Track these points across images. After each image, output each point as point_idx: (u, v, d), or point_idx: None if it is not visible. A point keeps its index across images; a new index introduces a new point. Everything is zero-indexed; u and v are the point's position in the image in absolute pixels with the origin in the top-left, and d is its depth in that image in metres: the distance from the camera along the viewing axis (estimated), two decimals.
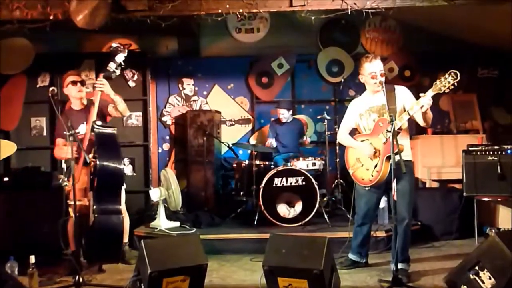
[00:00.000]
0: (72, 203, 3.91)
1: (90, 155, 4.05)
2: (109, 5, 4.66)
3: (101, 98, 4.29)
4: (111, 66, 4.18)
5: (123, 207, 4.57)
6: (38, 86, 6.78)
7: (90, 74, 6.76)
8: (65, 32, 5.47)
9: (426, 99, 3.67)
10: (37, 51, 6.51)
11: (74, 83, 4.48)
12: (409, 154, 4.01)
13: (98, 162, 3.93)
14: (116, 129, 4.25)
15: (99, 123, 4.21)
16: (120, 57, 4.18)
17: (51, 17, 4.79)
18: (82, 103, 4.55)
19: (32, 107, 6.75)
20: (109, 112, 4.47)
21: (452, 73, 3.57)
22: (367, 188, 4.08)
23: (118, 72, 4.24)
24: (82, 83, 4.53)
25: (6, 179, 5.26)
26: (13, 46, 6.38)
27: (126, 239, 4.78)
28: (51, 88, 4.11)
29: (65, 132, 3.95)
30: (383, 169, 3.87)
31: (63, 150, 4.39)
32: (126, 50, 4.22)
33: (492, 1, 4.81)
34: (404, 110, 3.88)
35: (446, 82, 3.58)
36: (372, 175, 3.97)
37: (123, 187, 4.60)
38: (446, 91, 3.63)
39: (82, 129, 4.38)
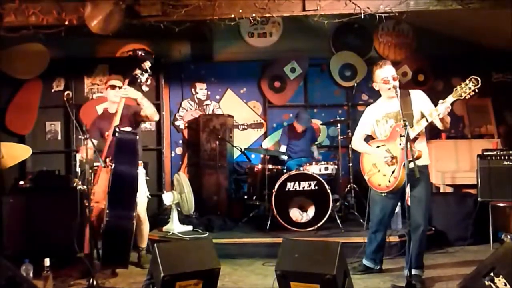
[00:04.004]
0: (92, 204, 3.96)
1: (108, 159, 4.08)
2: (123, 11, 4.70)
3: (131, 104, 4.33)
4: (137, 72, 4.24)
5: (143, 213, 4.60)
6: (53, 90, 6.88)
7: (104, 79, 6.83)
8: (80, 37, 5.52)
9: (446, 105, 3.64)
10: (52, 56, 6.60)
11: (113, 87, 4.54)
12: (426, 158, 3.97)
13: (113, 166, 3.95)
14: (138, 135, 4.27)
15: (128, 129, 4.25)
16: (147, 64, 4.28)
17: (66, 23, 4.84)
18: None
19: (47, 111, 6.84)
20: (142, 118, 4.49)
21: (473, 79, 3.54)
22: (383, 194, 4.05)
23: (143, 78, 4.31)
24: (121, 87, 4.52)
25: (21, 182, 5.32)
26: (29, 51, 6.47)
27: (144, 244, 4.81)
28: (66, 92, 4.17)
29: (80, 137, 3.99)
30: (401, 175, 3.83)
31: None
32: (153, 57, 4.30)
33: (507, 5, 4.76)
34: (422, 115, 3.85)
35: (467, 88, 3.55)
36: (390, 181, 3.93)
37: (146, 194, 4.64)
38: (467, 97, 3.60)
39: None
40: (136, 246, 4.68)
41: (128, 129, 4.36)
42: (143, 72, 4.30)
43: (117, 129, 4.16)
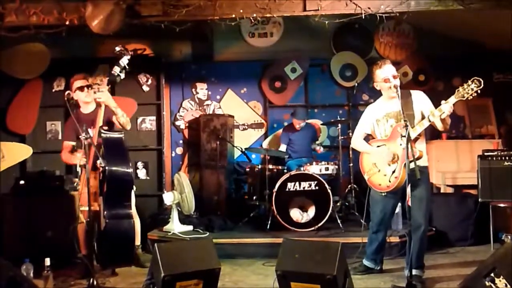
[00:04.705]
0: (82, 208, 3.94)
1: (98, 160, 4.05)
2: (124, 11, 4.70)
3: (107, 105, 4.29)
4: (116, 70, 4.16)
5: (133, 210, 4.59)
6: (53, 90, 6.89)
7: (104, 79, 6.81)
8: (80, 37, 5.53)
9: (448, 106, 3.64)
10: (52, 56, 6.61)
11: (81, 88, 4.46)
12: (425, 160, 3.97)
13: (106, 168, 3.94)
14: (123, 133, 4.24)
15: (105, 128, 4.22)
16: (124, 60, 4.15)
17: (67, 23, 4.84)
18: (91, 106, 4.54)
19: (48, 111, 6.85)
20: (113, 122, 4.43)
21: (475, 80, 3.55)
22: (383, 194, 4.04)
23: (122, 75, 4.18)
24: (89, 87, 4.44)
25: (22, 182, 5.32)
26: (29, 51, 6.47)
27: (138, 242, 4.79)
28: (66, 92, 4.16)
29: (80, 136, 3.97)
30: (402, 174, 3.82)
31: (68, 155, 4.43)
32: (130, 52, 4.20)
33: (508, 5, 4.76)
34: (423, 116, 3.85)
35: (469, 89, 3.56)
36: (390, 181, 3.92)
37: (133, 190, 4.62)
38: (469, 98, 3.60)
39: (89, 133, 4.37)
40: None
41: (105, 128, 4.30)
42: (122, 70, 4.18)
43: (102, 130, 4.13)
